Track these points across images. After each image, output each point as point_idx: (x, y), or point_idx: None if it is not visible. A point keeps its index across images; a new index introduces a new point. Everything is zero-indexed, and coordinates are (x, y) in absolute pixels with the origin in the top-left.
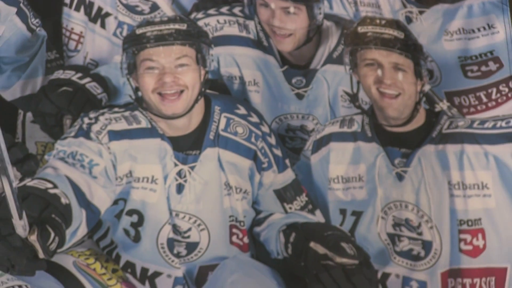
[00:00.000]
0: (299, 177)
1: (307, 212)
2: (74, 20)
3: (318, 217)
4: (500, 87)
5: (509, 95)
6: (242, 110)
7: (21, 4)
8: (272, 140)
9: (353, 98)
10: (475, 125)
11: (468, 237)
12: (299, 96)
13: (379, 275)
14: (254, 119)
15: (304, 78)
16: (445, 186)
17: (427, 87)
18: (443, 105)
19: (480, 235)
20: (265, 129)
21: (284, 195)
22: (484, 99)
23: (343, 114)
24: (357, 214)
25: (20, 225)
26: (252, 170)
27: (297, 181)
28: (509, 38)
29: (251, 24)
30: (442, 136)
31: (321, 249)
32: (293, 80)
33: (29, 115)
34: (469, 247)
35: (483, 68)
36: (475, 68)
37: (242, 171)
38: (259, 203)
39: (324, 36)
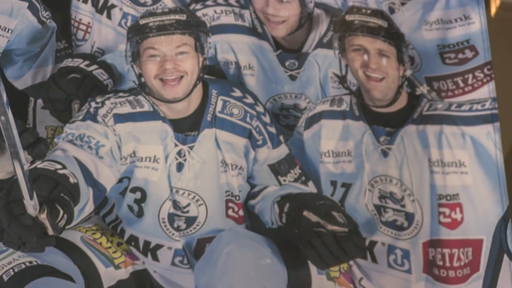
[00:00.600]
0: (292, 152)
1: (300, 183)
2: (82, 11)
3: (310, 188)
4: (476, 73)
5: (484, 80)
6: (237, 93)
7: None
8: (267, 118)
9: (342, 79)
10: (452, 107)
11: (447, 210)
12: (292, 78)
13: (367, 242)
14: (249, 100)
15: (297, 61)
16: (425, 163)
17: (408, 72)
18: (423, 89)
19: (458, 209)
20: (260, 109)
21: (278, 168)
22: (461, 84)
23: (333, 94)
24: (347, 186)
25: (31, 205)
26: (247, 148)
27: (291, 155)
28: (484, 28)
29: (246, 13)
30: (423, 117)
31: (313, 217)
32: (287, 63)
33: (40, 101)
34: (448, 220)
35: (460, 56)
36: (452, 55)
37: (238, 149)
38: (254, 178)
39: (314, 22)
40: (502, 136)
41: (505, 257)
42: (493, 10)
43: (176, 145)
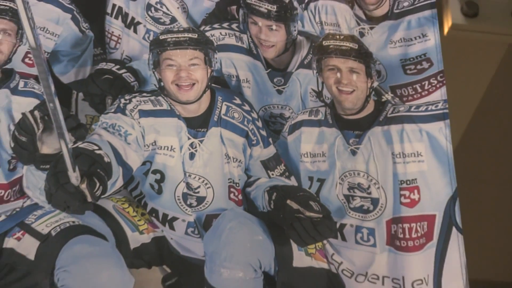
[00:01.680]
0: (279, 152)
1: (284, 178)
2: (114, 25)
3: (292, 181)
4: (431, 80)
5: (437, 85)
6: (238, 101)
7: (75, 12)
8: (259, 123)
9: (319, 94)
10: (412, 109)
11: (406, 193)
12: (279, 92)
13: (338, 225)
14: (246, 107)
15: (283, 78)
16: (389, 156)
17: (375, 84)
18: (388, 96)
19: (415, 191)
20: (254, 115)
21: (268, 164)
22: (419, 90)
23: (311, 106)
24: (321, 181)
25: (74, 176)
26: (244, 145)
27: (277, 155)
28: (438, 43)
29: (244, 37)
30: (387, 119)
31: (295, 205)
32: (275, 80)
33: (81, 95)
34: (408, 200)
35: (418, 67)
36: (412, 67)
37: (238, 145)
38: (249, 170)
39: (297, 47)
40: (451, 130)
41: (454, 229)
42: (445, 29)
43: (189, 138)
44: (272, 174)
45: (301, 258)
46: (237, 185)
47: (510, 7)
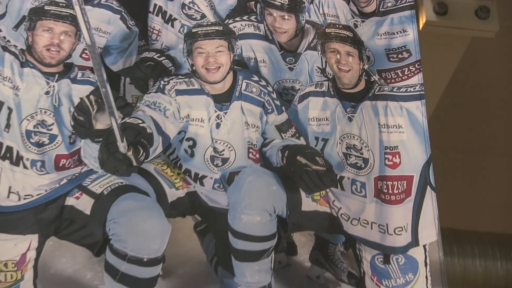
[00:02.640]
0: (290, 117)
1: (295, 138)
2: (155, 21)
3: (301, 141)
4: (410, 67)
5: (415, 72)
6: (255, 78)
7: (122, 12)
8: (274, 95)
9: (323, 71)
10: (394, 89)
11: (390, 156)
12: (290, 69)
13: (338, 177)
14: (263, 83)
15: (294, 58)
16: (376, 126)
17: (366, 66)
18: (375, 77)
19: (397, 156)
20: (269, 89)
21: (281, 128)
22: (400, 74)
23: (317, 80)
24: (325, 140)
25: (122, 146)
26: (261, 114)
27: (289, 120)
28: (416, 38)
29: (261, 26)
30: (375, 95)
31: (303, 160)
32: (287, 59)
33: (128, 79)
34: (391, 163)
35: (400, 56)
36: (394, 56)
37: (256, 114)
38: (265, 133)
39: (305, 33)
40: (426, 108)
41: (428, 187)
42: (421, 25)
43: (215, 111)
44: (285, 136)
45: (308, 204)
46: (255, 146)
47: (474, 7)
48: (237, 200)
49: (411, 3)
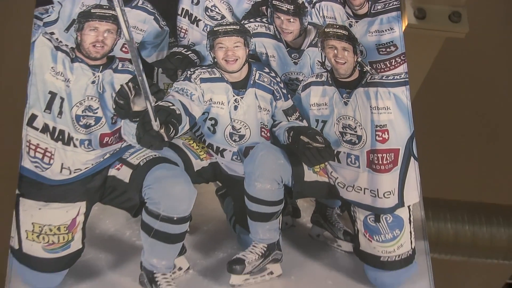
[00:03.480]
0: (294, 104)
1: (299, 121)
2: (182, 22)
3: (304, 123)
4: (396, 59)
5: (401, 62)
6: (266, 70)
7: (156, 14)
8: (281, 85)
9: (322, 64)
10: (383, 78)
11: (380, 133)
12: (295, 63)
13: (335, 152)
14: (273, 74)
15: (298, 54)
16: (368, 108)
17: (359, 59)
18: (367, 68)
19: (386, 132)
20: (278, 79)
21: (287, 112)
22: (388, 65)
23: (317, 72)
24: (324, 122)
25: (155, 124)
26: (271, 100)
27: (294, 106)
28: (401, 34)
29: (271, 27)
30: (367, 83)
31: (305, 139)
32: (292, 55)
33: (160, 70)
34: (380, 138)
35: (388, 50)
36: (383, 49)
37: (267, 100)
38: (274, 116)
39: (308, 33)
40: (410, 93)
41: (412, 158)
42: (403, 28)
43: (233, 96)
44: (290, 119)
45: (309, 175)
46: (266, 126)
47: (448, 12)
48: (251, 171)
49: (397, 5)
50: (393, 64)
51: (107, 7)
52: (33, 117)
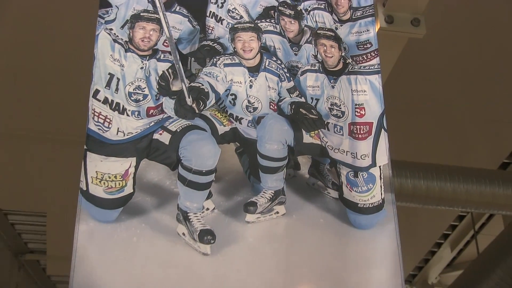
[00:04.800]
0: (295, 85)
1: (299, 98)
2: (210, 22)
3: (302, 100)
4: (371, 53)
5: (375, 56)
6: (274, 58)
7: (190, 17)
8: (285, 70)
9: (315, 57)
10: (362, 68)
11: (358, 110)
12: (295, 55)
13: (326, 122)
14: (279, 62)
15: (297, 48)
16: (350, 91)
17: (343, 54)
18: (349, 60)
19: (363, 109)
20: (283, 66)
21: (290, 91)
22: (365, 58)
23: (312, 62)
24: (317, 100)
25: (189, 100)
26: (278, 81)
27: (295, 86)
28: (375, 35)
29: (278, 26)
30: (349, 72)
31: (303, 111)
32: (293, 48)
33: (192, 59)
34: (359, 114)
35: (365, 46)
36: (362, 46)
37: (274, 81)
38: (280, 94)
39: (305, 33)
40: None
41: (382, 130)
42: (376, 30)
43: (249, 77)
44: (292, 96)
45: (307, 138)
46: (274, 101)
47: (410, 18)
48: (262, 135)
49: (372, 13)
50: (368, 57)
51: (152, 11)
52: (97, 92)
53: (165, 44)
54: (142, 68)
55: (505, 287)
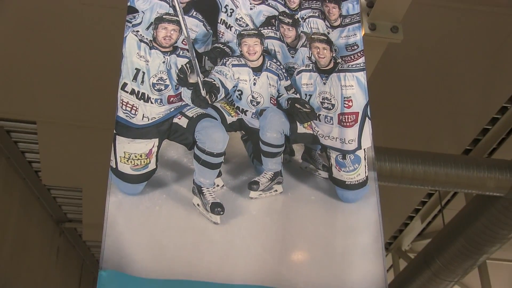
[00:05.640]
0: (292, 83)
1: (294, 94)
2: (221, 28)
3: (297, 96)
4: (358, 54)
5: (361, 56)
6: (274, 60)
7: (204, 22)
8: (284, 70)
9: (309, 58)
10: (349, 66)
11: (347, 102)
12: (292, 57)
13: (317, 114)
14: (278, 63)
15: (294, 50)
16: (339, 86)
17: (334, 55)
18: (339, 60)
19: (350, 101)
20: (281, 67)
21: (287, 88)
22: (353, 58)
23: (306, 63)
24: (310, 95)
25: (203, 92)
26: (277, 80)
27: (291, 84)
28: (361, 38)
29: (278, 32)
30: (339, 70)
31: (298, 106)
32: (290, 52)
33: (206, 57)
34: (347, 105)
35: (353, 48)
36: (350, 48)
37: (274, 80)
38: (279, 91)
39: (301, 38)
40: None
41: (367, 118)
42: (362, 34)
43: (253, 76)
44: (289, 92)
45: (301, 129)
46: (274, 96)
47: (390, 26)
48: (264, 125)
49: (359, 20)
50: (355, 57)
51: (173, 14)
52: (124, 84)
53: (183, 42)
54: (164, 62)
55: (465, 253)
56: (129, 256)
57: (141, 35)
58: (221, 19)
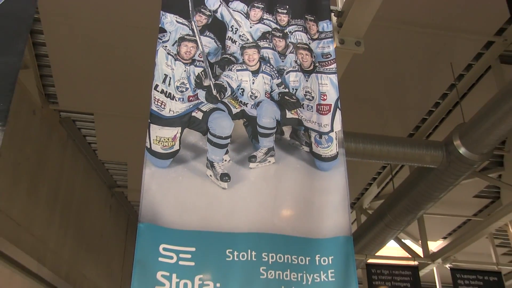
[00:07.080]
0: (282, 81)
1: (284, 89)
2: (228, 42)
3: (286, 90)
4: (331, 60)
5: (333, 62)
6: (268, 64)
7: (215, 39)
8: (275, 71)
9: (296, 62)
10: (325, 69)
11: (323, 96)
12: (282, 61)
13: (301, 103)
14: (271, 67)
15: (284, 57)
16: (317, 84)
17: (314, 60)
18: (317, 64)
19: (325, 95)
20: (274, 69)
21: (278, 85)
22: (327, 64)
23: (293, 65)
24: (296, 89)
25: (214, 92)
26: (271, 79)
27: (281, 81)
28: (333, 49)
29: (271, 43)
30: (317, 72)
31: (287, 98)
32: (281, 57)
33: (216, 65)
34: (323, 99)
35: (327, 56)
36: (325, 56)
37: (268, 79)
38: (272, 87)
39: (288, 47)
40: (338, 76)
41: (338, 109)
42: (334, 46)
43: (252, 77)
44: (280, 88)
45: (289, 115)
46: (268, 92)
47: (354, 41)
48: (260, 113)
49: (331, 36)
50: (329, 63)
51: (192, 35)
52: (156, 86)
53: (199, 56)
54: (185, 71)
55: (408, 209)
56: (160, 213)
57: (168, 49)
58: (228, 36)
